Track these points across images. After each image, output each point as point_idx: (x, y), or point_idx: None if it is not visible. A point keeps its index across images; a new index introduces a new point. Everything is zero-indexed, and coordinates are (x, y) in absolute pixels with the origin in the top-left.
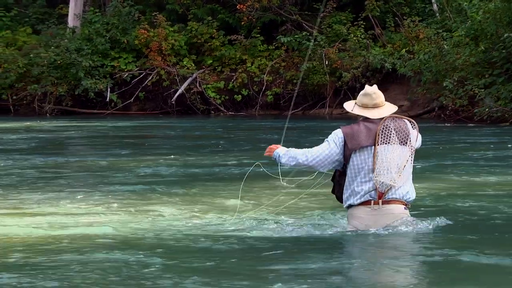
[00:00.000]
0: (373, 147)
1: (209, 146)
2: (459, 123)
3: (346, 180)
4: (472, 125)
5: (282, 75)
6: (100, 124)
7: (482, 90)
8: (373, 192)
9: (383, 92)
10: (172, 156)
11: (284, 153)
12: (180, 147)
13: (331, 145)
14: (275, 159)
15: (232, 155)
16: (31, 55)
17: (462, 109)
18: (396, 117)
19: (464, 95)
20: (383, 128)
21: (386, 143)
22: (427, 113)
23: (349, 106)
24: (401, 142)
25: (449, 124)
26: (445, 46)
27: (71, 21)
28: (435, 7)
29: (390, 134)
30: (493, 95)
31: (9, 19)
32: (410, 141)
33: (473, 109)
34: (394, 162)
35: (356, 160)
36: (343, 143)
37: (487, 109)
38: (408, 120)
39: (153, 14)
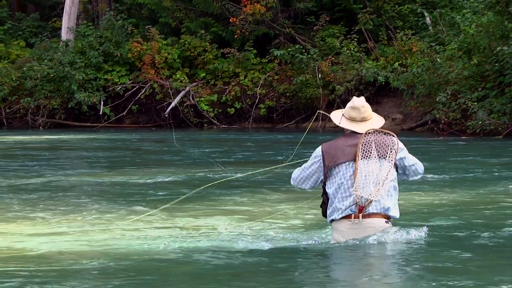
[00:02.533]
0: (352, 162)
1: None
2: (452, 137)
3: (328, 195)
4: (465, 138)
5: (275, 88)
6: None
7: (475, 103)
8: (353, 206)
9: (376, 105)
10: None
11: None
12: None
13: (310, 163)
14: None
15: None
16: (25, 68)
17: (455, 123)
18: (380, 131)
19: (457, 109)
20: (364, 143)
21: (366, 158)
22: (420, 127)
23: (336, 118)
24: (380, 156)
25: (442, 138)
26: (438, 59)
27: (65, 35)
28: (428, 20)
29: (371, 148)
30: (486, 108)
31: (2, 33)
32: (389, 157)
33: (466, 122)
34: (373, 176)
35: (335, 176)
36: (321, 159)
37: (480, 122)
38: (390, 135)
39: (146, 28)
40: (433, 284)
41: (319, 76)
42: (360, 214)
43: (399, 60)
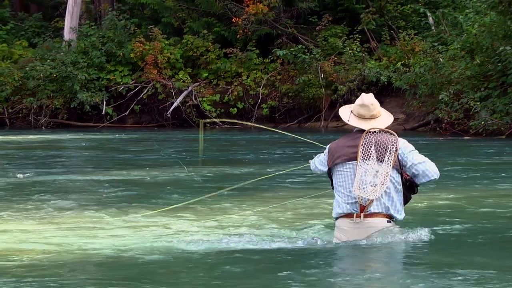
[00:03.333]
0: (352, 161)
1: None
2: (455, 136)
3: (334, 190)
4: (468, 138)
5: (278, 88)
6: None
7: (478, 103)
8: (355, 205)
9: None
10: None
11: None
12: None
13: (322, 157)
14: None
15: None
16: (27, 68)
17: (457, 122)
18: (382, 130)
19: (460, 108)
20: (364, 143)
21: (366, 159)
22: (423, 126)
23: (345, 114)
24: (379, 156)
25: (444, 138)
26: (441, 59)
27: (67, 35)
28: (430, 20)
29: (370, 150)
30: (488, 108)
31: (5, 33)
32: (388, 157)
33: (468, 122)
34: (371, 176)
35: (336, 174)
36: (326, 158)
37: (482, 122)
38: (392, 134)
39: (148, 28)
40: (435, 284)
41: (322, 76)
42: (362, 214)
43: (401, 60)
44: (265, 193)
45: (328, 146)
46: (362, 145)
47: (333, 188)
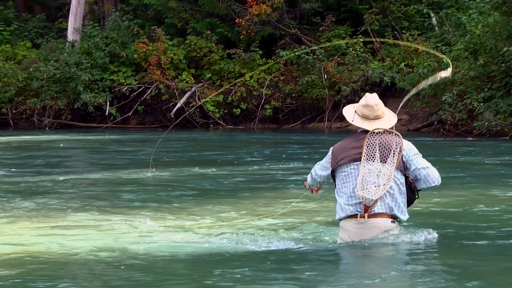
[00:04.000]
0: (356, 162)
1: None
2: (458, 137)
3: (336, 194)
4: (471, 139)
5: (281, 88)
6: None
7: (481, 104)
8: (359, 206)
9: None
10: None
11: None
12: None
13: (323, 161)
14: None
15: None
16: (31, 69)
17: (461, 123)
18: (386, 131)
19: (463, 109)
20: (368, 144)
21: (370, 160)
22: (426, 127)
23: (349, 115)
24: (383, 157)
25: (448, 139)
26: (444, 60)
27: (71, 35)
28: (434, 21)
29: (375, 149)
30: (492, 109)
31: (9, 33)
32: (391, 158)
33: (472, 123)
34: (374, 177)
35: (340, 176)
36: (330, 159)
37: (486, 123)
38: (397, 135)
39: (152, 28)
40: (439, 285)
41: (325, 77)
42: (366, 214)
43: (405, 60)
44: (269, 193)
45: (331, 148)
46: (366, 146)
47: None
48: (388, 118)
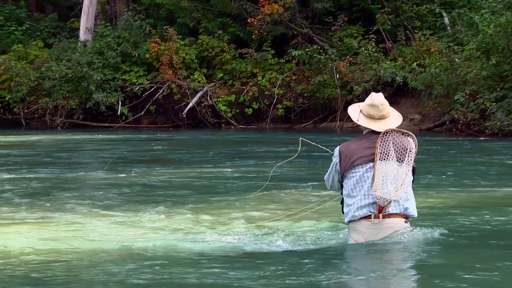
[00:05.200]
0: (370, 163)
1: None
2: (471, 137)
3: (346, 196)
4: (483, 138)
5: (293, 88)
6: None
7: (494, 103)
8: (373, 206)
9: (394, 106)
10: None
11: None
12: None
13: (332, 165)
14: None
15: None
16: (43, 69)
17: (473, 123)
18: (398, 131)
19: (476, 109)
20: (382, 144)
21: (384, 160)
22: (438, 127)
23: (354, 115)
24: (399, 159)
25: (460, 139)
26: (457, 59)
27: (83, 35)
28: (446, 20)
29: (389, 150)
30: (504, 109)
31: (21, 33)
32: (407, 158)
33: (484, 122)
34: (391, 177)
35: (351, 176)
36: (338, 160)
37: (498, 123)
38: (409, 135)
39: (164, 28)
40: (452, 285)
41: (337, 77)
42: (380, 214)
43: (417, 60)
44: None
45: (337, 149)
46: (380, 145)
47: (342, 192)
48: (394, 118)
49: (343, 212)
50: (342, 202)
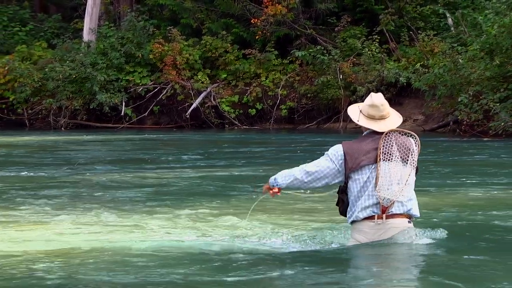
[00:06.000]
0: (375, 163)
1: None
2: (474, 138)
3: (349, 197)
4: (487, 139)
5: (296, 89)
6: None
7: (497, 104)
8: (376, 207)
9: (397, 106)
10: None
11: (279, 175)
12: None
13: (330, 162)
14: (273, 184)
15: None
16: (47, 69)
17: (477, 124)
18: (399, 131)
19: (479, 110)
20: (385, 144)
21: (387, 160)
22: (442, 128)
23: (354, 115)
24: (403, 160)
25: (464, 139)
26: (460, 60)
27: (86, 36)
28: (450, 21)
29: (392, 150)
30: (508, 110)
31: (24, 34)
32: (411, 158)
33: (488, 123)
34: (396, 177)
35: (357, 178)
36: (343, 161)
37: (502, 124)
38: (411, 135)
39: (167, 29)
40: (456, 285)
41: (341, 77)
42: (384, 215)
43: (420, 61)
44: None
45: (340, 149)
46: (383, 146)
47: (341, 193)
48: (394, 119)
49: (340, 212)
50: (338, 203)
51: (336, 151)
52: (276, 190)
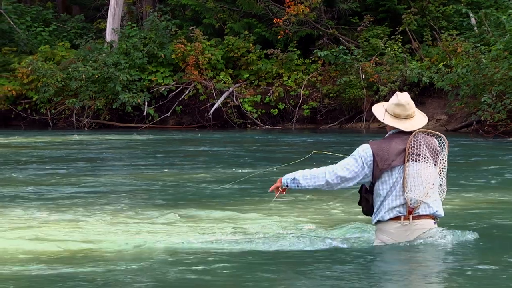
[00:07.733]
0: (403, 164)
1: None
2: (498, 138)
3: (376, 197)
4: (511, 140)
5: (319, 89)
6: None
7: None
8: (403, 207)
9: (420, 106)
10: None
11: (298, 175)
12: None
13: (359, 164)
14: (287, 185)
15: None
16: (69, 69)
17: (500, 124)
18: (427, 132)
19: (503, 110)
20: (413, 144)
21: (416, 161)
22: (465, 128)
23: (380, 113)
24: (430, 159)
25: (487, 139)
26: (483, 60)
27: (109, 36)
28: (473, 21)
29: (421, 151)
30: None
31: (48, 34)
32: (438, 159)
33: (511, 123)
34: (424, 178)
35: (386, 178)
36: (372, 162)
37: None
38: (439, 136)
39: (190, 29)
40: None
41: (363, 77)
42: (410, 216)
43: (443, 60)
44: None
45: (369, 150)
46: (412, 146)
47: (365, 192)
48: (419, 118)
49: (364, 212)
50: (361, 202)
51: (366, 152)
52: (282, 189)
